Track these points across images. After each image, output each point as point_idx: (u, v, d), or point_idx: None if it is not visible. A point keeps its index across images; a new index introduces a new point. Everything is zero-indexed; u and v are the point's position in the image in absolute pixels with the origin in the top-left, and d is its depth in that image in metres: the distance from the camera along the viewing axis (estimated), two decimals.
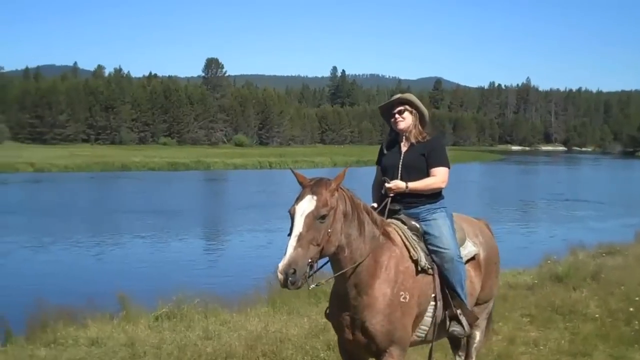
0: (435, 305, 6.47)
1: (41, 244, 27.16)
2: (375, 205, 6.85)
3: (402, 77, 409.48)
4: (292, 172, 6.05)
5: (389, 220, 6.59)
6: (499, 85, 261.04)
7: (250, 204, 42.68)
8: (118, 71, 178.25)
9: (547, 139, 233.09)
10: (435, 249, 6.55)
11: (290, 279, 5.32)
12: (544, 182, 74.50)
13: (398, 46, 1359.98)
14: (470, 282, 6.98)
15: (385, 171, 6.91)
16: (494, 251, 7.59)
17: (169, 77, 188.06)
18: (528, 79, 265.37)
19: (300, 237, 5.46)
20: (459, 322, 6.66)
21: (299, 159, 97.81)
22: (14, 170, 70.32)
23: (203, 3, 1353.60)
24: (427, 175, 6.75)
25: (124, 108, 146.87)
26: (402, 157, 6.84)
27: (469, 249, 7.05)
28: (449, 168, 6.85)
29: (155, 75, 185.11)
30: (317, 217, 5.56)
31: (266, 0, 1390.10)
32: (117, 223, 34.30)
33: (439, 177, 6.73)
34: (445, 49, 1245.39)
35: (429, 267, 6.42)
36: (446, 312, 6.61)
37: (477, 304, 7.30)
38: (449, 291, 6.57)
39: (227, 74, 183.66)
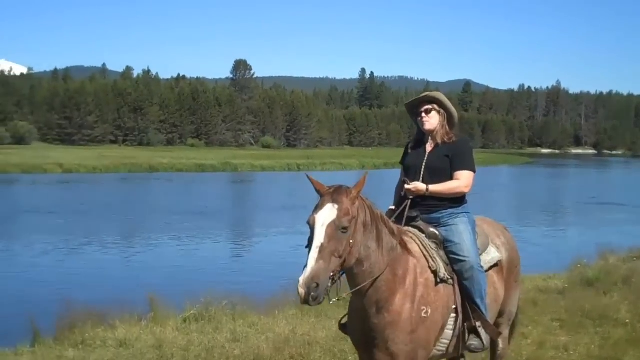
0: (457, 317, 6.22)
1: (70, 245, 27.28)
2: (393, 207, 6.66)
3: (431, 80, 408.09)
4: (308, 178, 5.72)
5: (406, 228, 6.32)
6: (529, 87, 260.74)
7: (278, 206, 42.63)
8: (146, 72, 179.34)
9: (577, 142, 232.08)
10: (454, 257, 6.29)
11: (312, 293, 5.05)
12: (574, 185, 74.14)
13: (427, 48, 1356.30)
14: (494, 289, 6.74)
15: (408, 171, 6.67)
16: (515, 253, 7.30)
17: (197, 78, 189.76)
18: (558, 82, 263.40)
19: (322, 249, 5.19)
20: (478, 336, 6.37)
21: (326, 161, 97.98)
22: (42, 171, 70.90)
23: (231, 5, 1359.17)
24: (451, 178, 6.48)
25: (152, 109, 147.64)
26: (425, 158, 6.58)
27: (492, 254, 6.80)
28: (474, 172, 6.58)
29: (184, 76, 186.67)
30: (339, 228, 5.28)
31: (294, 2, 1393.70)
32: (146, 224, 34.47)
33: (462, 180, 6.46)
34: (474, 51, 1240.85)
35: (449, 277, 6.14)
36: (465, 324, 6.32)
37: (500, 314, 7.07)
38: (468, 303, 6.29)
39: (255, 76, 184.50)
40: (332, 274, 5.23)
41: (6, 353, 11.18)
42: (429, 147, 6.63)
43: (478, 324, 6.34)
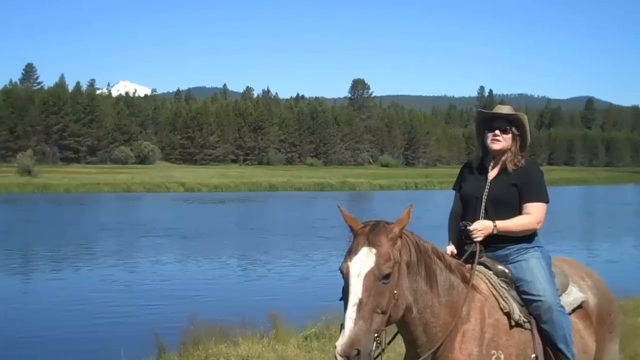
0: None
1: (194, 262, 27.54)
2: (452, 248, 5.67)
3: (552, 97, 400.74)
4: (340, 209, 4.77)
5: (469, 265, 5.31)
6: None
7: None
8: (266, 92, 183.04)
9: None
10: (528, 297, 5.30)
11: None
12: None
13: (547, 65, 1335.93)
14: (580, 338, 5.59)
15: (467, 202, 5.68)
16: (607, 299, 6.09)
17: (316, 98, 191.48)
18: None
19: (361, 306, 4.27)
20: None
21: (444, 180, 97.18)
22: (165, 190, 73.02)
23: (349, 26, 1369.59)
24: (519, 211, 5.50)
25: (272, 129, 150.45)
26: (488, 187, 5.57)
27: (573, 295, 5.69)
28: (547, 203, 5.55)
29: (302, 96, 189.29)
30: (379, 278, 4.36)
31: (412, 21, 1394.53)
32: (267, 242, 34.56)
33: (534, 215, 5.45)
34: (596, 67, 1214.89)
35: (525, 320, 5.20)
36: None
37: None
38: (551, 350, 5.25)
39: (373, 95, 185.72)
40: (376, 335, 4.33)
41: None
42: (492, 172, 5.66)
43: None
